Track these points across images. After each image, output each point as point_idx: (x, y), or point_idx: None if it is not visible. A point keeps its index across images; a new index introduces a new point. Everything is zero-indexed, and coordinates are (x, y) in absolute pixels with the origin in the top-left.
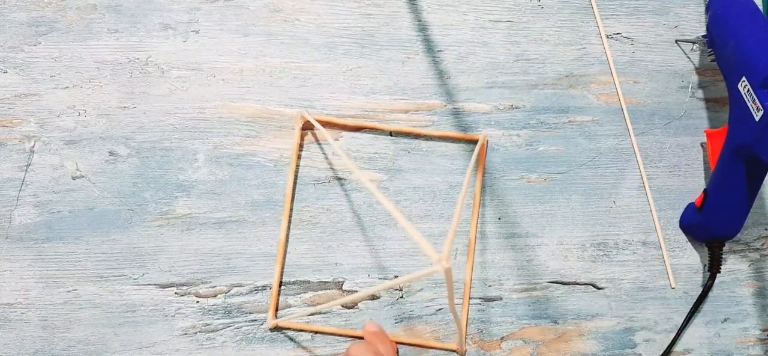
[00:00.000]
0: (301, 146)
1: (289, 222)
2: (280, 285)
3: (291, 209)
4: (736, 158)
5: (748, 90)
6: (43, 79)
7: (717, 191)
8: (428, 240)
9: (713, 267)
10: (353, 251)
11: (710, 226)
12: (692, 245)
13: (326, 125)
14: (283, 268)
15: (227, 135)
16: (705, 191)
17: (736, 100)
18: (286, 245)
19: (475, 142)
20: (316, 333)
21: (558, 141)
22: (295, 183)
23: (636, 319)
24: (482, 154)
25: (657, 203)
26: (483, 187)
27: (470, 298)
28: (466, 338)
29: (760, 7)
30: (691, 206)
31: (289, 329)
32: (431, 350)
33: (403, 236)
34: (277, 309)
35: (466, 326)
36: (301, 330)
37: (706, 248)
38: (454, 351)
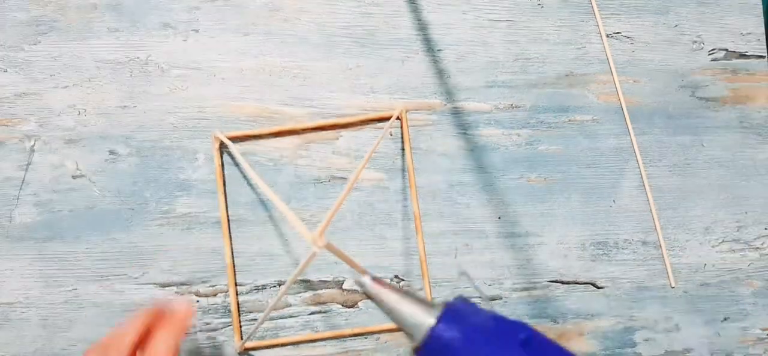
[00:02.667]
0: (222, 167)
1: (230, 238)
2: (238, 305)
3: (228, 224)
4: None
5: None
6: (43, 78)
7: None
8: (428, 241)
9: None
10: (353, 251)
11: None
12: (692, 245)
13: (244, 138)
14: (236, 287)
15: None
16: None
17: None
18: (232, 262)
19: (389, 119)
20: (287, 345)
21: (558, 141)
22: (226, 205)
23: (636, 319)
24: (404, 128)
25: (657, 203)
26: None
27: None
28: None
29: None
30: None
31: (259, 348)
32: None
33: (403, 236)
34: (241, 331)
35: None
36: (272, 346)
37: (708, 248)
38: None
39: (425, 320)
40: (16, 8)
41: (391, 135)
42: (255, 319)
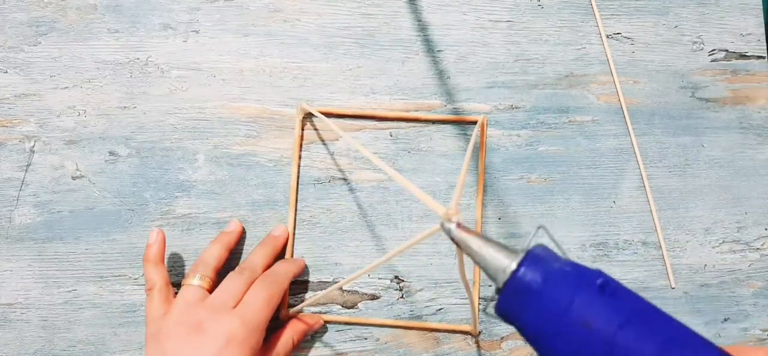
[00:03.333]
0: (302, 139)
1: (295, 217)
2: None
3: (296, 202)
4: None
5: None
6: (43, 79)
7: None
8: (428, 241)
9: None
10: (353, 251)
11: None
12: (692, 245)
13: (326, 115)
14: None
15: (227, 135)
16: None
17: None
18: (292, 242)
19: (473, 123)
20: (332, 322)
21: (558, 141)
22: (298, 177)
23: None
24: (482, 135)
25: (657, 203)
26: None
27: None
28: (478, 316)
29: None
30: None
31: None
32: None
33: (404, 236)
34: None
35: (478, 305)
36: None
37: (709, 249)
38: (467, 332)
39: (508, 263)
40: (16, 9)
41: (391, 135)
42: None
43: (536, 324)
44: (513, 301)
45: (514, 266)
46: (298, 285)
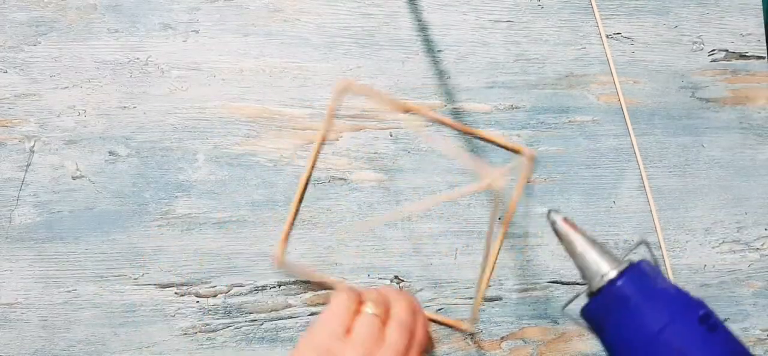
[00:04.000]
0: (333, 114)
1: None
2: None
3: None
4: None
5: None
6: (43, 79)
7: None
8: (428, 241)
9: None
10: (353, 251)
11: None
12: (692, 245)
13: (366, 92)
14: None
15: (227, 135)
16: None
17: None
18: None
19: (516, 152)
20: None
21: (558, 141)
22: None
23: None
24: (526, 173)
25: (657, 203)
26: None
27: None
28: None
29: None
30: None
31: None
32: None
33: (403, 236)
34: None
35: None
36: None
37: (709, 249)
38: (462, 329)
39: (607, 271)
40: (16, 9)
41: (391, 135)
42: (255, 320)
43: (624, 336)
44: (602, 311)
45: (613, 274)
46: (299, 284)
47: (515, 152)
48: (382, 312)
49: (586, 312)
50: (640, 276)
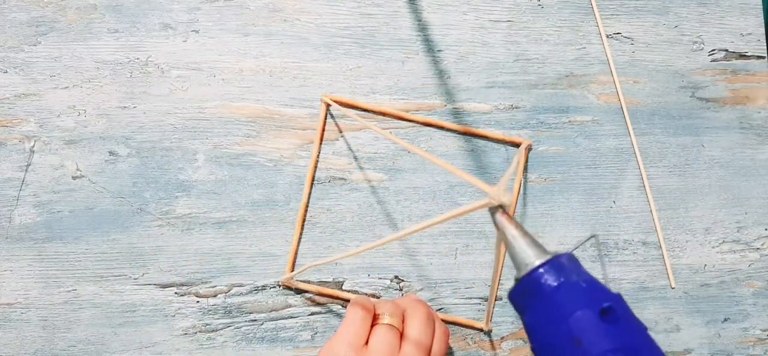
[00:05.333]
0: (324, 130)
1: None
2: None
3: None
4: None
5: None
6: (43, 79)
7: None
8: (428, 241)
9: None
10: (353, 251)
11: None
12: (692, 245)
13: (348, 105)
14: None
15: (227, 135)
16: None
17: None
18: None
19: (515, 145)
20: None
21: (558, 141)
22: (314, 172)
23: None
24: (522, 162)
25: (657, 203)
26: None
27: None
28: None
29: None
30: None
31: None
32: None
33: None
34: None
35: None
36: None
37: (709, 249)
38: (479, 329)
39: (531, 261)
40: (16, 9)
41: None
42: (255, 320)
43: (537, 325)
44: (523, 296)
45: (535, 263)
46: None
47: (513, 144)
48: (398, 323)
49: (511, 296)
50: (558, 268)
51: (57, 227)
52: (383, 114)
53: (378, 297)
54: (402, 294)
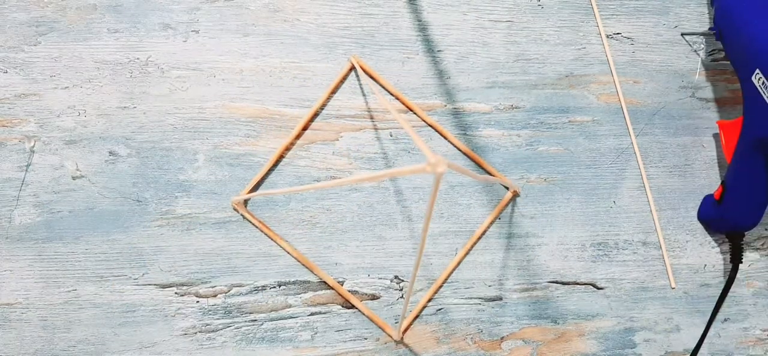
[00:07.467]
0: (339, 84)
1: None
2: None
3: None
4: (754, 150)
5: (763, 82)
6: (43, 79)
7: (736, 183)
8: (428, 241)
9: (735, 258)
10: (353, 251)
11: (730, 218)
12: (692, 245)
13: (376, 80)
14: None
15: (227, 135)
16: (723, 183)
17: (750, 93)
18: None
19: (502, 188)
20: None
21: (558, 141)
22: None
23: (636, 319)
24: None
25: (657, 203)
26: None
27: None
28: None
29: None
30: (708, 198)
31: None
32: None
33: (403, 236)
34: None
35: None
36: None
37: (709, 249)
38: (389, 335)
39: None
40: (16, 9)
41: (391, 135)
42: (255, 320)
43: None
44: None
45: None
46: (299, 284)
47: (503, 185)
48: None
49: None
50: None
51: (57, 227)
52: (400, 100)
53: (378, 297)
54: (402, 295)
